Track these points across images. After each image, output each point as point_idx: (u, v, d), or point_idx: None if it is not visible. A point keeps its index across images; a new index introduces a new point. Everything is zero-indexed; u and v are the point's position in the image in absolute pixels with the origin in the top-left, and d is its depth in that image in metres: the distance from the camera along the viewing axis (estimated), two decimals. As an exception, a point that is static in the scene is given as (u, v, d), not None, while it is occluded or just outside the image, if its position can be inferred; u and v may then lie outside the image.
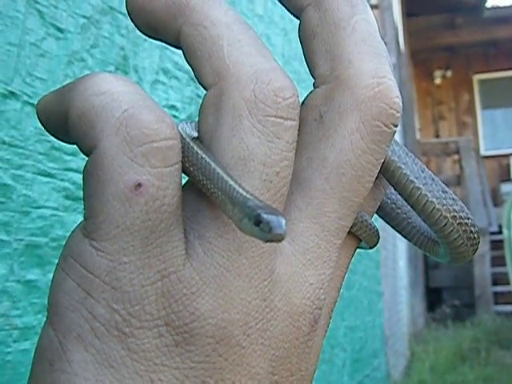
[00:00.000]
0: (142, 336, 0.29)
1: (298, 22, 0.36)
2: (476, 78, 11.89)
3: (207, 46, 0.32)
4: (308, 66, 0.35)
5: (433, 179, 0.38)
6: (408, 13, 9.57)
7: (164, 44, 0.35)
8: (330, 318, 0.37)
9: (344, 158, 0.33)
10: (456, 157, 9.91)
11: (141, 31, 0.35)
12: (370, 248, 0.40)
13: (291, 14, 0.37)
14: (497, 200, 10.45)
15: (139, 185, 0.29)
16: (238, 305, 0.31)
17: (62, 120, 0.31)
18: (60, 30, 0.73)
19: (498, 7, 10.42)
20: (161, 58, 0.96)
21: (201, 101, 0.33)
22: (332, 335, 2.33)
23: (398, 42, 7.53)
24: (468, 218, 0.38)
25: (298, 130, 0.33)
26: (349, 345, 2.67)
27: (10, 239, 0.65)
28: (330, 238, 0.34)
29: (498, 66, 11.48)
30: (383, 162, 0.36)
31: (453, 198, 0.38)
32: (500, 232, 9.09)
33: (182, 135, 0.32)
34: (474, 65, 11.70)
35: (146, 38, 0.35)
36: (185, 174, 0.32)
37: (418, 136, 10.60)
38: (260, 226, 0.28)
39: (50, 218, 0.70)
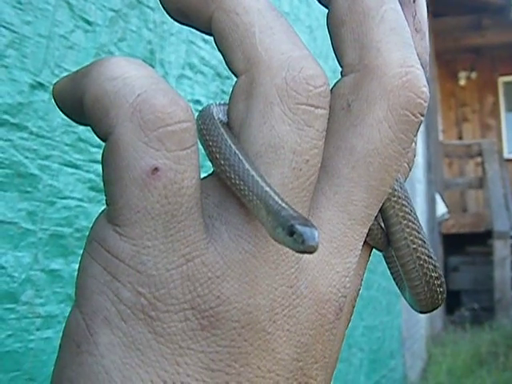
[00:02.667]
0: (168, 319, 0.30)
1: (324, 20, 0.36)
2: (501, 80, 11.78)
3: (239, 33, 0.32)
4: (336, 55, 0.36)
5: (419, 227, 0.38)
6: (434, 13, 9.50)
7: (191, 39, 0.35)
8: (353, 306, 0.37)
9: (371, 147, 0.33)
10: (479, 159, 9.81)
11: (171, 17, 0.35)
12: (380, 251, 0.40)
13: (320, 3, 0.37)
14: (519, 204, 10.36)
15: (156, 169, 0.29)
16: (264, 290, 0.31)
17: (78, 105, 0.31)
18: (89, 22, 0.74)
19: (526, 9, 10.32)
20: (187, 52, 0.96)
21: (231, 90, 0.33)
22: (350, 334, 2.32)
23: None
24: (435, 271, 0.38)
25: None
26: (366, 345, 2.66)
27: (35, 228, 0.66)
28: (356, 227, 0.34)
29: (523, 68, 11.38)
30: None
31: (427, 249, 0.38)
32: (522, 236, 9.02)
33: (216, 124, 0.32)
34: (499, 67, 11.59)
35: (173, 32, 0.35)
36: (213, 165, 0.32)
37: (440, 137, 10.53)
38: (293, 237, 0.28)
39: (75, 209, 0.71)
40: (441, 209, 8.43)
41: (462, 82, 11.71)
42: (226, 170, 0.31)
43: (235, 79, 0.33)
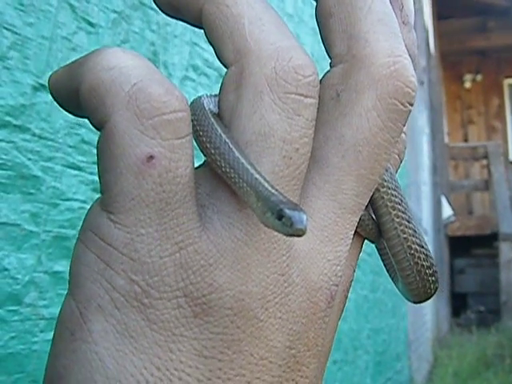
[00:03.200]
0: (161, 307, 0.30)
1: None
2: (506, 82, 11.76)
3: (229, 24, 0.33)
4: (324, 46, 0.36)
5: (410, 217, 0.38)
6: (439, 15, 9.50)
7: (194, 41, 0.35)
8: (346, 297, 0.37)
9: (361, 136, 0.34)
10: (484, 161, 9.80)
11: (162, 11, 0.35)
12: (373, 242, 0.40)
13: None
14: (525, 206, 10.33)
15: (151, 157, 0.29)
16: (256, 278, 0.31)
17: (73, 95, 0.32)
18: (91, 24, 0.74)
19: (531, 11, 10.30)
20: (191, 54, 0.96)
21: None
22: (355, 337, 2.32)
23: (428, 45, 7.48)
24: (426, 260, 0.38)
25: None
26: (372, 347, 2.66)
27: (38, 230, 0.66)
28: (347, 215, 0.34)
29: (529, 70, 11.35)
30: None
31: (419, 238, 0.38)
32: (528, 238, 8.99)
33: (207, 115, 0.33)
34: (504, 69, 11.57)
35: (177, 34, 0.35)
36: (204, 155, 0.33)
37: (446, 140, 10.52)
38: (282, 221, 0.29)
39: (78, 211, 0.71)
40: (446, 211, 8.42)
41: (468, 85, 11.70)
42: (216, 159, 0.32)
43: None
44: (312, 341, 0.34)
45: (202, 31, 0.35)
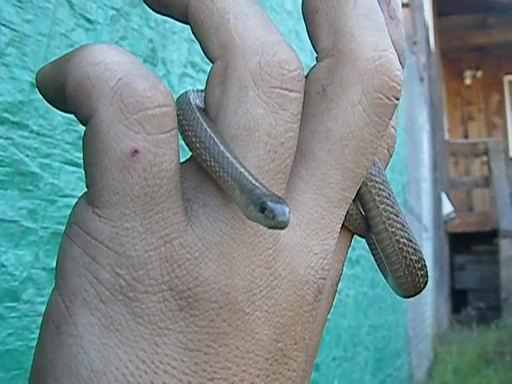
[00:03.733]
0: (147, 300, 0.30)
1: None
2: (507, 78, 11.75)
3: (214, 20, 0.33)
4: (311, 41, 0.36)
5: (398, 211, 0.38)
6: (439, 12, 9.49)
7: (192, 38, 0.35)
8: (335, 291, 0.37)
9: (347, 130, 0.34)
10: (485, 158, 9.80)
11: (149, 7, 0.35)
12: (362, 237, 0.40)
13: None
14: (525, 202, 10.33)
15: (136, 151, 0.30)
16: (242, 272, 0.31)
17: (60, 90, 0.32)
18: (89, 21, 0.74)
19: (531, 7, 10.29)
20: (189, 51, 0.96)
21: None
22: (355, 333, 2.32)
23: (428, 42, 7.48)
24: (415, 254, 0.38)
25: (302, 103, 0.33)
26: (372, 344, 2.66)
27: (36, 227, 0.66)
28: (333, 209, 0.34)
29: (529, 67, 11.34)
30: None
31: (407, 232, 0.38)
32: (528, 235, 8.99)
33: (192, 109, 0.33)
34: (504, 65, 11.56)
35: (175, 31, 0.35)
36: (190, 149, 0.33)
37: (446, 136, 10.52)
38: (264, 213, 0.29)
39: (76, 207, 0.71)
40: (447, 208, 8.42)
41: (468, 81, 11.69)
42: (201, 153, 0.32)
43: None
44: (299, 334, 0.34)
45: None
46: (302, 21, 0.37)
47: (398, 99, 0.35)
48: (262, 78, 0.32)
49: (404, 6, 5.26)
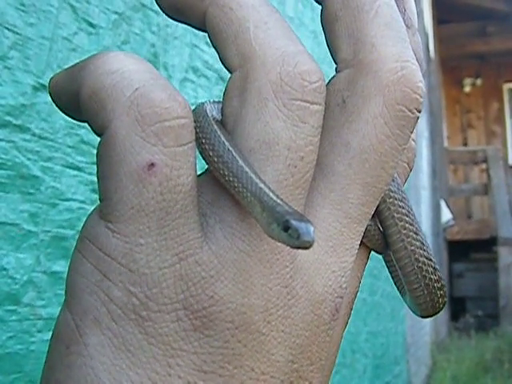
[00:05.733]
0: (160, 320, 0.29)
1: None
2: (506, 86, 11.76)
3: (233, 28, 0.32)
4: (330, 51, 0.35)
5: (418, 228, 0.37)
6: (439, 20, 9.50)
7: (194, 42, 0.35)
8: (351, 309, 0.36)
9: (367, 143, 0.33)
10: (484, 166, 9.80)
11: (165, 13, 0.34)
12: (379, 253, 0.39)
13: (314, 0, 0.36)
14: (524, 210, 10.33)
15: (152, 164, 0.29)
16: (259, 290, 0.30)
17: (74, 99, 0.31)
18: (92, 25, 0.74)
19: (531, 16, 10.31)
20: (191, 56, 0.96)
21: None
22: (354, 340, 2.32)
23: (428, 49, 7.49)
24: (434, 274, 0.37)
25: None
26: (370, 350, 2.65)
27: (37, 230, 0.66)
28: (352, 225, 0.33)
29: (528, 75, 11.35)
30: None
31: (427, 251, 0.37)
32: (527, 243, 8.99)
33: (210, 122, 0.32)
34: (504, 73, 11.57)
35: (177, 35, 0.35)
36: (206, 163, 0.32)
37: (445, 144, 10.52)
38: (288, 232, 0.28)
39: (77, 211, 0.71)
40: (446, 215, 8.42)
41: (467, 89, 11.70)
42: (219, 168, 0.31)
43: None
44: (315, 354, 0.32)
45: (202, 33, 0.34)
46: (303, 27, 0.36)
47: (419, 111, 0.34)
48: (283, 90, 0.31)
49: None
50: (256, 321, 0.30)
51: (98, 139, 0.31)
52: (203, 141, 0.31)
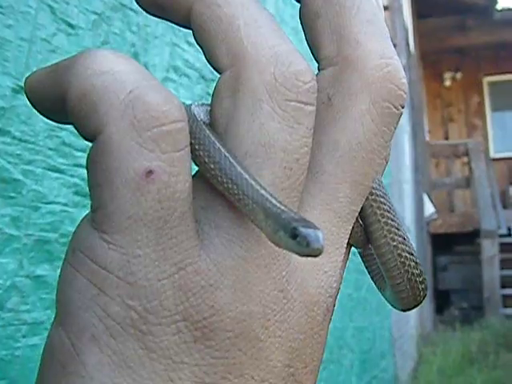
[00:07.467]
0: (160, 333, 0.28)
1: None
2: (486, 80, 11.85)
3: (222, 26, 0.30)
4: (311, 48, 0.34)
5: (399, 224, 0.37)
6: (418, 14, 9.55)
7: (175, 42, 0.34)
8: (334, 306, 0.35)
9: (355, 141, 0.32)
10: (465, 159, 9.87)
11: (145, 10, 0.33)
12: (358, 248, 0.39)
13: None
14: (506, 202, 10.41)
15: (150, 172, 0.27)
16: (257, 297, 0.29)
17: (57, 101, 0.29)
18: (71, 25, 0.73)
19: (509, 9, 10.36)
20: (171, 55, 0.96)
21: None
22: (340, 336, 2.32)
23: (408, 44, 7.51)
24: (416, 268, 0.37)
25: None
26: (357, 346, 2.66)
27: (19, 234, 0.65)
28: (342, 224, 0.33)
29: (508, 68, 11.41)
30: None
31: (408, 246, 0.37)
32: (509, 234, 9.08)
33: (201, 126, 0.30)
34: (484, 67, 11.65)
35: (157, 35, 0.34)
36: (201, 169, 0.30)
37: (427, 138, 10.57)
38: (297, 240, 0.27)
39: (60, 214, 0.70)
40: (428, 209, 8.47)
41: (448, 83, 11.78)
42: (216, 175, 0.29)
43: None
44: (309, 357, 0.32)
45: (183, 32, 0.33)
46: (284, 24, 0.36)
47: (403, 107, 0.33)
48: (278, 91, 0.30)
49: (384, 8, 5.26)
50: (255, 328, 0.29)
51: (80, 141, 0.30)
52: (196, 146, 0.30)
